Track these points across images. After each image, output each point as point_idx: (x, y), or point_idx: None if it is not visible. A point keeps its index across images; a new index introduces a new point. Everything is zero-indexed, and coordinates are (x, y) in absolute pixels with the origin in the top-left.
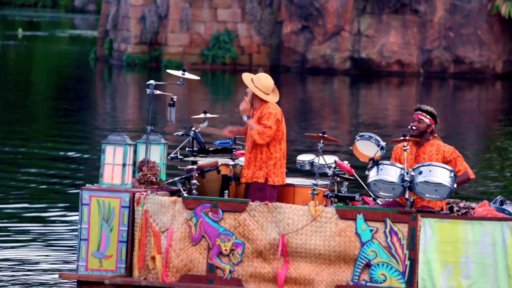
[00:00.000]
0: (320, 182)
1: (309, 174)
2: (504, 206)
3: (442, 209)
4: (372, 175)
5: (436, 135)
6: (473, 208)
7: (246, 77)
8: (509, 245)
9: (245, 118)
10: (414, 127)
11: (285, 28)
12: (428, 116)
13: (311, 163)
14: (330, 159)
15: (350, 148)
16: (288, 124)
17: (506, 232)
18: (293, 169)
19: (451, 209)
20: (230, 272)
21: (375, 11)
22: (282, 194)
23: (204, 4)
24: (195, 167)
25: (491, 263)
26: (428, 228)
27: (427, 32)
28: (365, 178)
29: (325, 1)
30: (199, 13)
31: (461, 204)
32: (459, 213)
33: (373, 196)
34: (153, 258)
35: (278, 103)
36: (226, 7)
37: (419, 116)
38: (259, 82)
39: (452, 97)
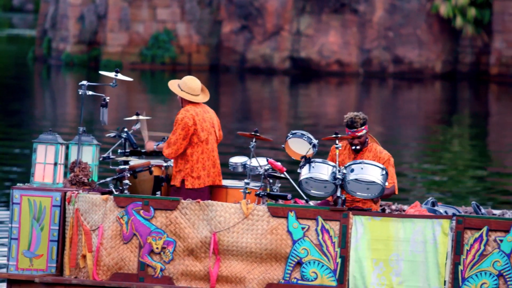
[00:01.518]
0: (252, 184)
1: (243, 176)
2: (435, 207)
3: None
4: (304, 173)
5: (369, 134)
6: (404, 211)
7: (172, 84)
8: (440, 243)
9: (155, 148)
10: (358, 147)
11: (224, 27)
12: (362, 128)
13: (244, 165)
14: (262, 161)
15: (282, 146)
16: (228, 123)
17: (437, 229)
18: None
19: (383, 211)
20: (161, 270)
21: (314, 11)
22: (214, 195)
23: (143, 3)
24: (127, 167)
25: (422, 261)
26: (360, 226)
27: (367, 32)
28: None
29: (265, 0)
30: (138, 12)
31: (393, 206)
32: None
33: (306, 198)
34: (84, 256)
35: (213, 103)
36: (165, 7)
37: (357, 134)
38: (185, 86)
39: (391, 97)
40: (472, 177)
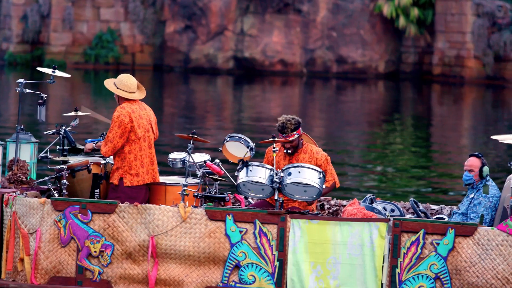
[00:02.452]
0: (191, 180)
1: (181, 172)
2: (374, 204)
3: (312, 210)
4: (242, 176)
5: (303, 133)
6: (343, 206)
7: (108, 83)
8: (377, 246)
9: (95, 146)
10: (289, 151)
11: (168, 27)
12: (294, 133)
13: (183, 161)
14: (202, 157)
15: (220, 149)
16: (171, 123)
17: (374, 233)
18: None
19: (322, 206)
20: (100, 273)
21: (258, 11)
22: (153, 192)
23: (86, 3)
24: (65, 166)
25: (359, 264)
26: (297, 229)
27: (310, 32)
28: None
29: (208, 0)
30: (82, 12)
31: (332, 202)
32: (330, 211)
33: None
34: (22, 260)
35: (157, 102)
36: (109, 7)
37: (287, 139)
38: (121, 83)
39: (334, 97)
40: (413, 176)
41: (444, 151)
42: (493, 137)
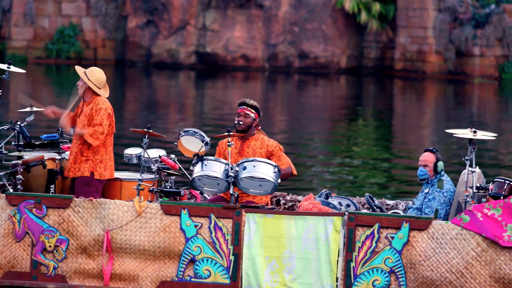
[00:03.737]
0: (146, 176)
1: (137, 168)
2: (329, 199)
3: (267, 204)
4: (197, 170)
5: (260, 128)
6: (299, 201)
7: (80, 69)
8: (332, 240)
9: (71, 131)
10: (240, 122)
11: (130, 22)
12: (253, 111)
13: (139, 157)
14: (157, 152)
15: (175, 144)
16: (133, 119)
17: (329, 227)
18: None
19: (277, 202)
20: (54, 268)
21: (220, 6)
22: (109, 188)
23: None
24: (20, 162)
25: (314, 258)
26: (252, 223)
27: (272, 26)
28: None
29: None
30: (43, 7)
31: (288, 197)
32: (286, 206)
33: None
34: None
35: (119, 97)
36: (71, 1)
37: (245, 111)
38: (93, 76)
39: (297, 92)
40: (376, 170)
41: (405, 145)
42: (447, 130)
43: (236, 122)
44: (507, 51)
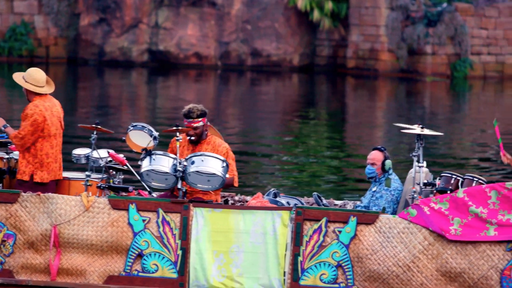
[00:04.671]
0: (95, 175)
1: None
2: (277, 198)
3: (216, 201)
4: (145, 165)
5: (209, 124)
6: (247, 201)
7: (17, 76)
8: (279, 234)
9: (2, 127)
10: (192, 138)
11: (82, 20)
12: (199, 119)
13: (87, 157)
14: (104, 152)
15: (123, 138)
16: (85, 117)
17: (277, 221)
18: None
19: (226, 202)
20: (1, 263)
21: (172, 4)
22: (57, 188)
23: None
24: None
25: (262, 252)
26: (200, 217)
27: (225, 24)
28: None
29: None
30: None
31: (236, 197)
32: None
33: (149, 190)
34: None
35: (71, 96)
36: None
37: (192, 124)
38: (30, 77)
39: (249, 90)
40: (327, 168)
41: (357, 144)
42: (396, 124)
43: (188, 138)
44: (459, 49)
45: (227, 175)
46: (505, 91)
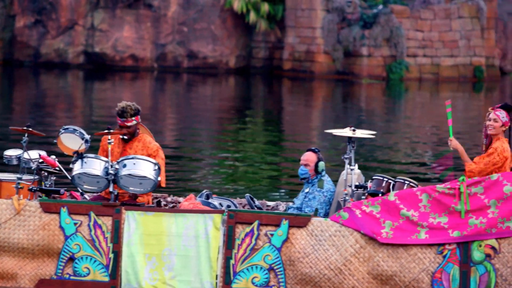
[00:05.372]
0: (26, 177)
1: (17, 169)
2: (210, 200)
3: (148, 203)
4: (77, 168)
5: (141, 124)
6: (180, 202)
7: None
8: (211, 238)
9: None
10: (125, 137)
11: (18, 22)
12: (133, 118)
13: (19, 158)
14: (37, 154)
15: (55, 141)
16: (20, 119)
17: (209, 224)
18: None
19: (158, 203)
20: None
21: (108, 6)
22: None
23: None
24: None
25: (194, 255)
26: (132, 221)
27: (161, 26)
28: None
29: None
30: None
31: (169, 199)
32: (167, 207)
33: (81, 191)
34: None
35: (6, 98)
36: None
37: (126, 124)
38: None
39: (186, 92)
40: (263, 169)
41: (293, 146)
42: (327, 131)
43: (121, 137)
44: (394, 51)
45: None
46: (440, 93)
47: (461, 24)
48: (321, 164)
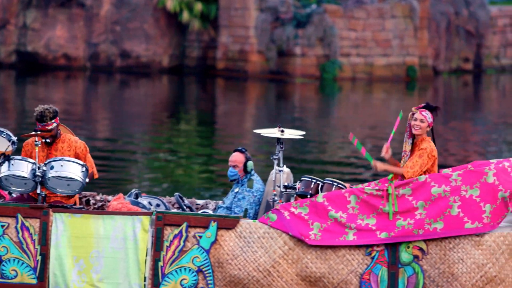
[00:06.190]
0: None
1: None
2: (139, 199)
3: (75, 203)
4: (4, 170)
5: (60, 124)
6: (109, 201)
7: None
8: (140, 240)
9: None
10: (48, 140)
11: None
12: (52, 121)
13: None
14: None
15: None
16: None
17: (137, 226)
18: None
19: (87, 202)
20: None
21: (41, 5)
22: None
23: None
24: None
25: (122, 258)
26: (60, 223)
27: (94, 26)
28: None
29: None
30: None
31: (98, 197)
32: (96, 206)
33: (9, 190)
34: None
35: None
36: None
37: (46, 127)
38: None
39: (119, 91)
40: (194, 169)
41: (227, 146)
42: (255, 131)
43: (44, 140)
44: (328, 51)
45: (87, 180)
46: (373, 92)
47: (394, 24)
48: (250, 164)
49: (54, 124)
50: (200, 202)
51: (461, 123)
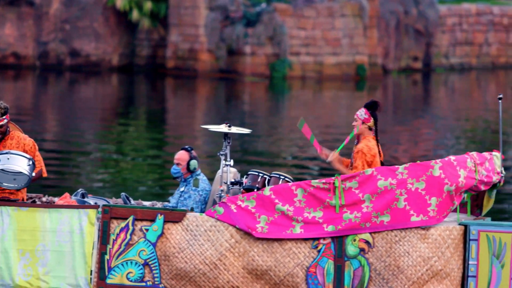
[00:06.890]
0: None
1: None
2: (85, 199)
3: (22, 200)
4: None
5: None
6: (55, 202)
7: None
8: (86, 233)
9: None
10: None
11: None
12: (3, 117)
13: None
14: None
15: None
16: None
17: (83, 219)
18: None
19: (33, 203)
20: None
21: None
22: None
23: None
24: None
25: (68, 251)
26: (6, 216)
27: (43, 24)
28: None
29: None
30: None
31: (44, 199)
32: None
33: None
34: None
35: None
36: None
37: None
38: None
39: (68, 90)
40: (145, 169)
41: (177, 144)
42: (203, 126)
43: None
44: (277, 49)
45: (36, 166)
46: (323, 91)
47: (344, 23)
48: (193, 163)
49: (5, 121)
50: (147, 202)
51: (411, 121)
